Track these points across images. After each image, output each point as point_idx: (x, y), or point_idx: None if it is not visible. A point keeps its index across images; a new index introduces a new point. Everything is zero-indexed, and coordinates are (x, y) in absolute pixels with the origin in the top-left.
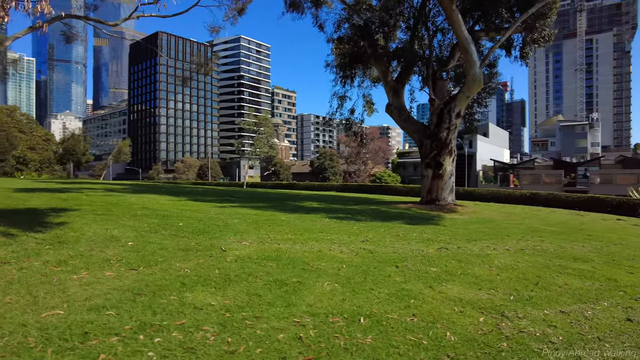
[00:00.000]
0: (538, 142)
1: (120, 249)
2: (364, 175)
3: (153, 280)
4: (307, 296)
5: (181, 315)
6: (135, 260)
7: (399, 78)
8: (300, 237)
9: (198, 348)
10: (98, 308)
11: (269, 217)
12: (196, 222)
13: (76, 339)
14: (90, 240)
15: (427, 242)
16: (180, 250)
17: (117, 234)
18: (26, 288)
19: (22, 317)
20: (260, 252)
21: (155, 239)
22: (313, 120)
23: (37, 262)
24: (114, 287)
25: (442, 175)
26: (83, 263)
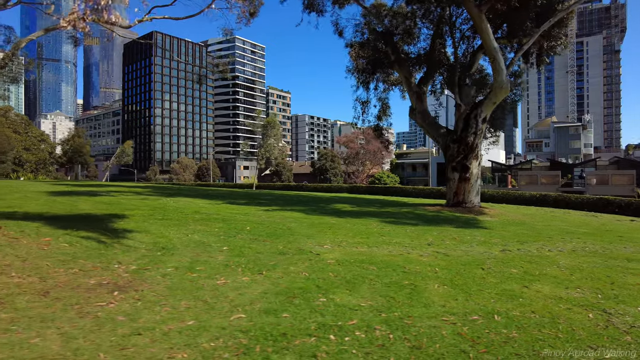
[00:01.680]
0: (532, 143)
1: (226, 254)
2: (362, 176)
3: (288, 284)
4: (430, 297)
5: (344, 315)
6: (252, 265)
7: (421, 83)
8: (367, 240)
9: (387, 345)
10: (270, 311)
11: (319, 220)
12: (261, 227)
13: (284, 340)
14: (185, 245)
15: (486, 245)
16: (278, 254)
17: (200, 239)
18: (189, 293)
19: (215, 321)
20: (350, 256)
21: (243, 243)
22: (308, 120)
23: (169, 269)
24: (262, 291)
25: (468, 178)
26: (209, 269)
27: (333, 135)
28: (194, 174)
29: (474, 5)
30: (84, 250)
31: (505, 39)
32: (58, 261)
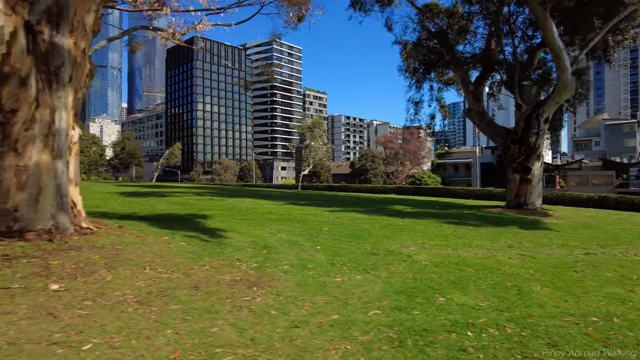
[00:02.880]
0: (580, 141)
1: (324, 254)
2: (401, 176)
3: (401, 284)
4: (539, 298)
5: (470, 314)
6: (354, 264)
7: (477, 83)
8: (448, 242)
9: (523, 342)
10: (400, 308)
11: (387, 222)
12: (337, 227)
13: (428, 335)
14: (281, 244)
15: (566, 248)
16: (370, 254)
17: (288, 238)
18: (318, 290)
19: (356, 316)
20: (441, 258)
21: (331, 243)
22: (344, 121)
23: (285, 266)
24: (381, 289)
25: (530, 180)
26: (319, 267)
27: (369, 135)
28: (236, 174)
29: (537, 3)
30: (202, 249)
31: (568, 36)
32: (188, 259)
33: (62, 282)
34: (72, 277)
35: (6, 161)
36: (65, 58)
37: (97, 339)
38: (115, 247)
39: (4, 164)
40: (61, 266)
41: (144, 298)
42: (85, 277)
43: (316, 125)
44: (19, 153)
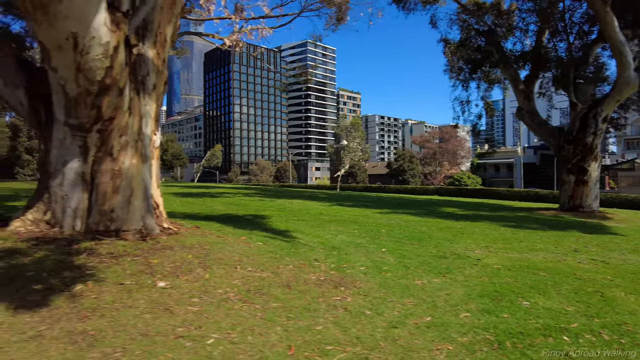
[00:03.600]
0: (632, 140)
1: (391, 256)
2: (439, 177)
3: (481, 287)
4: (627, 305)
5: (559, 318)
6: (428, 267)
7: (527, 82)
8: (511, 246)
9: (625, 349)
10: (489, 311)
11: (444, 224)
12: (394, 230)
13: (525, 338)
14: (346, 246)
15: (638, 253)
16: (439, 257)
17: (351, 239)
18: (403, 292)
19: (448, 318)
20: (510, 262)
21: (394, 246)
22: (378, 121)
23: (361, 267)
24: (464, 292)
25: (586, 181)
26: (394, 269)
27: (404, 134)
28: (272, 175)
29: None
30: (279, 249)
31: (629, 29)
32: (270, 258)
33: (167, 279)
34: (174, 275)
35: (103, 166)
36: (150, 68)
37: (216, 334)
38: (203, 247)
39: (101, 169)
40: (161, 265)
41: (245, 296)
42: (186, 276)
43: (355, 126)
44: (114, 158)
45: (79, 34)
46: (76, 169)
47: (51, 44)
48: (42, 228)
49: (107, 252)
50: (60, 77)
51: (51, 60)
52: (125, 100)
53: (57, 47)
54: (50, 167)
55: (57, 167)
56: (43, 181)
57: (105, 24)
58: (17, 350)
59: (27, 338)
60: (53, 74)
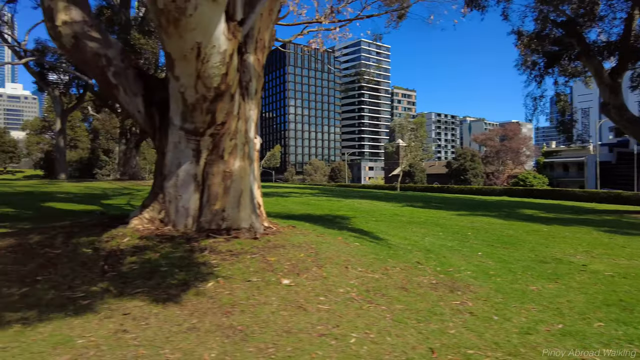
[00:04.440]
0: None
1: (491, 260)
2: (502, 176)
3: (604, 295)
4: None
5: None
6: (535, 273)
7: (613, 74)
8: (613, 251)
9: None
10: (625, 322)
11: (529, 227)
12: (480, 232)
13: None
14: (439, 248)
15: None
16: (540, 262)
17: (439, 242)
18: (520, 298)
19: (580, 326)
20: (621, 268)
21: (488, 250)
22: (434, 118)
23: (467, 271)
24: (585, 300)
25: None
26: (504, 275)
27: (462, 132)
28: (326, 175)
29: None
30: (377, 250)
31: None
32: (375, 259)
33: (289, 277)
34: (294, 274)
35: (214, 168)
36: (252, 73)
37: (354, 333)
38: (310, 246)
39: (213, 170)
40: (279, 263)
41: (366, 296)
42: (305, 274)
43: (418, 125)
44: (225, 160)
45: (203, 43)
46: (189, 170)
47: (177, 54)
48: (157, 226)
49: (227, 249)
50: (181, 84)
51: (175, 69)
52: (236, 105)
53: (182, 56)
54: (165, 169)
55: (172, 169)
56: (158, 182)
57: (223, 33)
58: (182, 341)
59: (185, 330)
60: (175, 82)
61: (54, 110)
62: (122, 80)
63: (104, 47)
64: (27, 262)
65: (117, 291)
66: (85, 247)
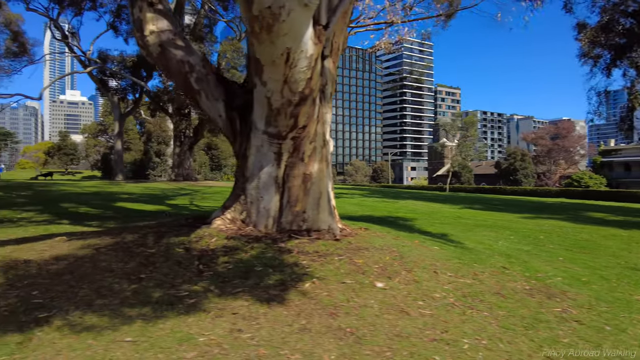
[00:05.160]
0: None
1: (576, 265)
2: (554, 177)
3: None
4: None
5: None
6: (631, 281)
7: None
8: None
9: None
10: None
11: (605, 232)
12: (554, 236)
13: None
14: (516, 253)
15: None
16: (631, 269)
17: (515, 246)
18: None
19: None
20: None
21: (566, 254)
22: (480, 116)
23: (557, 278)
24: None
25: None
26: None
27: (509, 131)
28: (367, 175)
29: None
30: (458, 253)
31: None
32: (459, 263)
33: (381, 280)
34: (386, 277)
35: (295, 170)
36: (327, 77)
37: (465, 339)
38: (392, 249)
39: (293, 173)
40: (367, 265)
41: (465, 302)
42: (397, 277)
43: (468, 124)
44: (305, 163)
45: (292, 48)
46: (270, 173)
47: (267, 60)
48: (238, 226)
49: (313, 251)
50: (268, 89)
51: (263, 74)
52: (316, 108)
53: (271, 62)
54: (247, 172)
55: (254, 171)
56: (239, 184)
57: (311, 38)
58: (297, 342)
59: (297, 331)
60: (261, 87)
61: (113, 115)
62: (204, 85)
63: (187, 55)
64: (128, 260)
65: (219, 290)
66: (177, 247)
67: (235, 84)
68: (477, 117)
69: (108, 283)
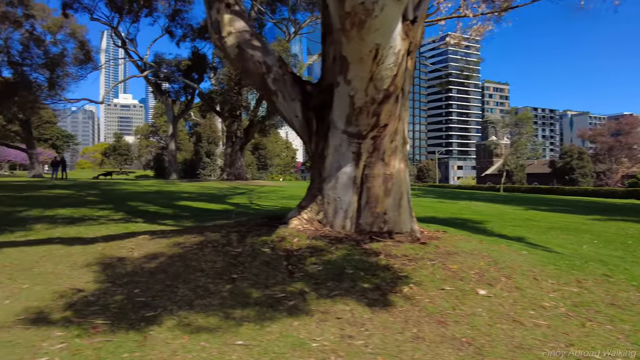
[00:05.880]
0: None
1: None
2: (615, 176)
3: None
4: None
5: None
6: None
7: None
8: None
9: None
10: None
11: None
12: None
13: None
14: (608, 259)
15: None
16: None
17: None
18: None
19: None
20: None
21: None
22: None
23: None
24: None
25: None
26: None
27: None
28: (412, 174)
29: None
30: (546, 258)
31: None
32: (555, 269)
33: (482, 287)
34: (486, 284)
35: (375, 170)
36: (406, 74)
37: (595, 354)
38: (482, 254)
39: (373, 173)
40: (462, 271)
41: (579, 312)
42: (498, 285)
43: (522, 121)
44: (386, 163)
45: (381, 44)
46: (349, 173)
47: (354, 57)
48: (315, 226)
49: (401, 254)
50: (352, 88)
51: (348, 72)
52: (399, 106)
53: (359, 60)
54: (325, 172)
55: (332, 172)
56: (315, 184)
57: (399, 34)
58: (414, 351)
59: (410, 339)
60: (345, 85)
61: (167, 116)
62: (281, 86)
63: (264, 55)
64: (216, 260)
65: (315, 293)
66: (262, 247)
67: (311, 84)
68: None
69: (202, 283)
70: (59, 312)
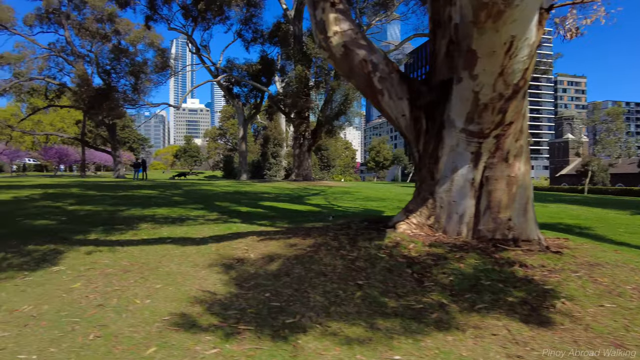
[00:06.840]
0: None
1: None
2: None
3: None
4: None
5: None
6: None
7: None
8: None
9: None
10: None
11: None
12: None
13: None
14: None
15: None
16: None
17: None
18: None
19: None
20: None
21: None
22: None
23: None
24: None
25: None
26: None
27: None
28: None
29: None
30: None
31: None
32: None
33: None
34: None
35: (497, 172)
36: None
37: None
38: (629, 265)
39: (495, 175)
40: (615, 284)
41: None
42: None
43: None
44: (509, 164)
45: (517, 36)
46: (466, 175)
47: (485, 51)
48: (426, 232)
49: (538, 264)
50: (477, 83)
51: (475, 67)
52: (526, 102)
53: (490, 53)
54: (438, 174)
55: (446, 173)
56: (425, 187)
57: (535, 24)
58: None
59: None
60: (470, 81)
61: (237, 119)
62: (387, 84)
63: (369, 53)
64: (335, 264)
65: (456, 305)
66: (377, 251)
67: (418, 82)
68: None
69: (330, 288)
70: (200, 315)
